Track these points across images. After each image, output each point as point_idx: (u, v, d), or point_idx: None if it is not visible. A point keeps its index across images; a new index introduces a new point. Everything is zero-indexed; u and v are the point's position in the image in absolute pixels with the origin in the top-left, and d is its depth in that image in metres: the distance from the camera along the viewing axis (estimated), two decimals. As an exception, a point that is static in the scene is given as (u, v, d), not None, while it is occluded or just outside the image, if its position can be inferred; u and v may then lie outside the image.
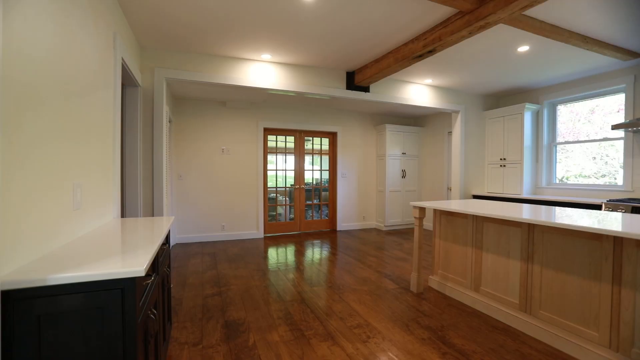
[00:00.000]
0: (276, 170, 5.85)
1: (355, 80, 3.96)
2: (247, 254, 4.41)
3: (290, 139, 5.94)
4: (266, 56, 3.54)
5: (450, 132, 5.81)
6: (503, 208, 2.63)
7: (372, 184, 6.48)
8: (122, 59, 2.42)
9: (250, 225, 5.49)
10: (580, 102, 4.32)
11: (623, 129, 3.44)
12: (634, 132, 3.65)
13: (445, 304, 2.74)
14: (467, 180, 5.04)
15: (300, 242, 5.20)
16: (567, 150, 4.48)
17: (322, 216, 6.25)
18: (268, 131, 5.72)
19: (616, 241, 1.82)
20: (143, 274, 1.00)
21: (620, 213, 2.42)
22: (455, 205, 2.86)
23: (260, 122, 5.52)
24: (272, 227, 5.78)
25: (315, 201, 6.19)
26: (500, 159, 4.84)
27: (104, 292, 0.97)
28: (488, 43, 3.13)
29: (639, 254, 1.73)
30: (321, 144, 6.20)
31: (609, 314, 1.85)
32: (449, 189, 5.79)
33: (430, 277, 3.18)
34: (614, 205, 3.34)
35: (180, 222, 5.05)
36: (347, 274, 3.55)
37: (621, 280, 1.80)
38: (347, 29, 2.87)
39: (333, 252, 4.50)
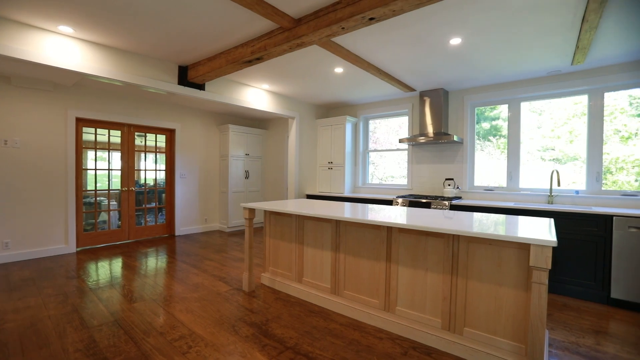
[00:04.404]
0: (96, 169, 4.85)
1: (188, 76, 3.71)
2: (45, 276, 3.47)
3: (117, 133, 5.05)
4: (66, 29, 2.86)
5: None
6: (321, 206, 3.03)
7: (215, 184, 6.28)
8: None
9: (54, 239, 4.35)
10: (390, 119, 5.45)
11: (406, 142, 4.56)
12: (412, 145, 4.91)
13: (274, 298, 2.94)
14: (302, 180, 5.57)
15: (128, 252, 4.49)
16: (384, 156, 5.58)
17: (158, 221, 5.60)
18: (83, 122, 4.67)
19: (388, 229, 2.39)
20: None
21: (403, 207, 3.19)
22: (279, 205, 3.09)
23: (71, 110, 4.45)
24: (89, 238, 4.76)
25: (150, 205, 5.48)
26: (328, 162, 5.58)
27: None
28: (311, 60, 3.54)
29: (400, 238, 2.33)
30: (156, 141, 5.54)
31: (384, 284, 2.41)
32: (287, 189, 6.25)
33: (262, 274, 3.33)
34: (401, 200, 4.39)
35: None
36: (179, 282, 3.31)
37: (391, 257, 2.38)
38: (172, 20, 2.66)
39: (168, 260, 4.10)
